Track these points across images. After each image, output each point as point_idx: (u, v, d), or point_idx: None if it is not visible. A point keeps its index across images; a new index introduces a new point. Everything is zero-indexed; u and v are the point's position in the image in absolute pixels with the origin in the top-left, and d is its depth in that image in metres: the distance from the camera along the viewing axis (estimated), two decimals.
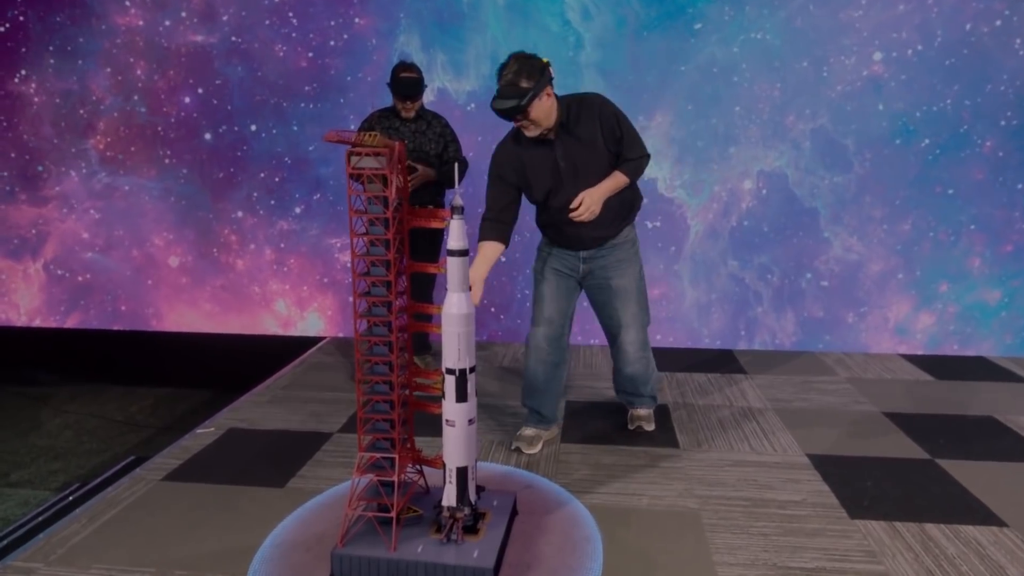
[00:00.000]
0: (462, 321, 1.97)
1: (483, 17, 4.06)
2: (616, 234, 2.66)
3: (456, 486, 2.02)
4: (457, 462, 2.01)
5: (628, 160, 2.48)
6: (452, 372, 1.98)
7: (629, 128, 2.48)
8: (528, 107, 2.28)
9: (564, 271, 2.72)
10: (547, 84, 2.32)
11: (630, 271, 2.71)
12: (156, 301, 4.75)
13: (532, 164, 2.48)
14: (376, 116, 3.52)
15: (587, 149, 2.43)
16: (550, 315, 2.72)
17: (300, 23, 4.20)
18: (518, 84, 2.28)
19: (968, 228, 4.06)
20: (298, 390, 3.60)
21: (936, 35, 3.87)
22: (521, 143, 2.49)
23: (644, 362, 2.80)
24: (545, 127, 2.38)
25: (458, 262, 1.99)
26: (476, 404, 2.04)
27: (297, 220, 4.47)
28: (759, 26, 3.91)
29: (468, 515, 2.02)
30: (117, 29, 4.35)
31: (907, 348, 4.20)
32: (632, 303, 2.71)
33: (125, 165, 4.56)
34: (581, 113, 2.43)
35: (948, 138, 3.96)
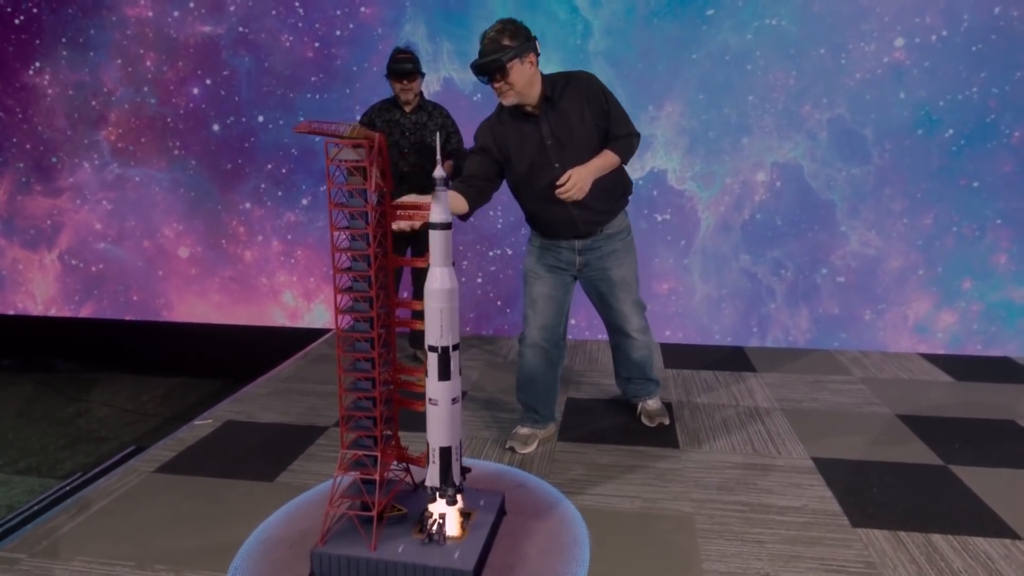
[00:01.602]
0: (444, 296, 1.90)
1: (490, 5, 3.98)
2: (609, 220, 2.56)
3: (439, 467, 1.96)
4: (440, 442, 1.95)
5: (617, 138, 2.38)
6: (435, 349, 1.91)
7: (617, 105, 2.40)
8: (507, 65, 2.21)
9: (558, 266, 2.63)
10: (531, 52, 2.26)
11: (627, 260, 2.66)
12: (167, 292, 4.78)
13: (516, 140, 2.40)
14: (377, 108, 3.49)
15: (574, 125, 2.35)
16: (546, 316, 2.63)
17: (306, 13, 4.16)
18: (500, 41, 2.23)
19: (994, 223, 3.88)
20: (299, 383, 3.58)
21: (962, 19, 3.69)
22: (506, 120, 2.41)
23: (648, 345, 2.84)
24: (525, 96, 2.31)
25: (441, 236, 1.91)
26: (460, 383, 1.98)
27: (304, 211, 4.46)
28: (774, 12, 3.77)
29: (452, 495, 1.96)
30: (127, 20, 4.37)
31: (927, 347, 4.05)
32: (630, 292, 2.70)
33: (136, 156, 4.58)
34: (568, 89, 2.36)
35: (974, 128, 3.79)
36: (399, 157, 3.41)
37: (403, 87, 3.31)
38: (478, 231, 4.25)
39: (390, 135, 3.39)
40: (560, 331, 2.70)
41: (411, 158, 3.41)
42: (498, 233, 4.25)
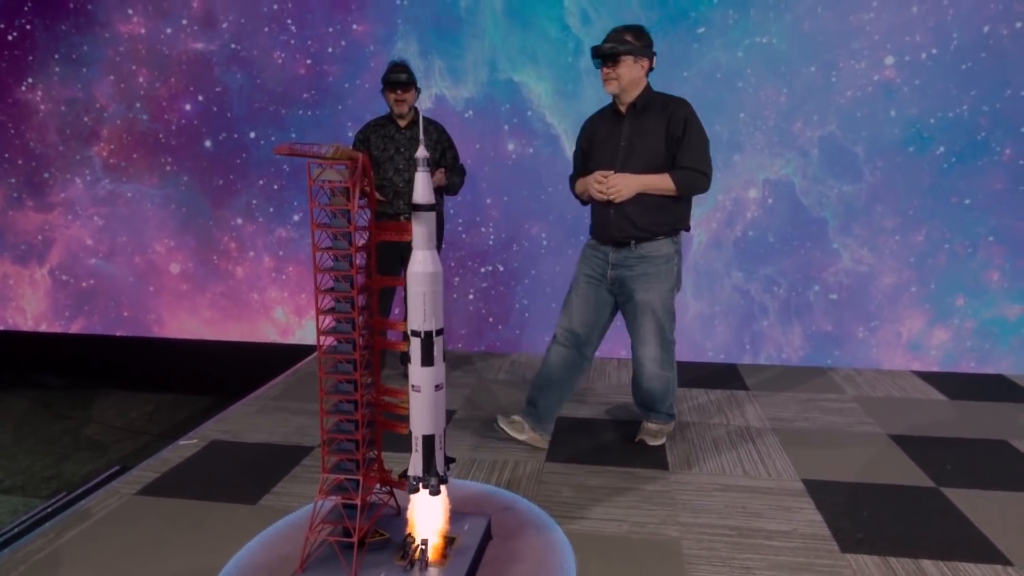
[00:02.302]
0: (427, 279, 1.87)
1: (481, 23, 3.99)
2: (644, 238, 2.61)
3: (422, 455, 1.92)
4: (423, 430, 1.91)
5: (680, 167, 2.50)
6: (417, 334, 1.88)
7: (696, 139, 2.51)
8: (620, 56, 2.46)
9: (595, 277, 2.74)
10: (646, 58, 2.53)
11: (656, 287, 2.64)
12: (158, 307, 4.76)
13: (600, 136, 2.65)
14: (372, 124, 3.47)
15: (648, 138, 2.53)
16: (572, 321, 2.78)
17: (299, 30, 4.17)
18: (623, 37, 2.50)
19: (986, 240, 3.87)
20: (287, 401, 3.55)
21: (952, 38, 3.70)
22: (604, 115, 2.69)
23: (663, 380, 2.75)
24: (624, 92, 2.54)
25: (424, 217, 1.89)
26: (444, 369, 1.95)
27: (296, 228, 4.45)
28: (765, 30, 3.78)
29: (435, 486, 1.93)
30: (120, 37, 4.38)
31: (921, 365, 4.03)
32: (653, 319, 2.67)
33: (128, 172, 4.58)
34: (658, 105, 2.56)
35: (965, 146, 3.79)
36: (395, 173, 3.37)
37: (398, 97, 3.29)
38: (470, 247, 4.24)
39: (385, 151, 3.36)
40: (585, 340, 2.78)
41: (406, 174, 3.37)
42: (490, 250, 4.24)
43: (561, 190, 4.13)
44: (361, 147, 3.34)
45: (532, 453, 2.86)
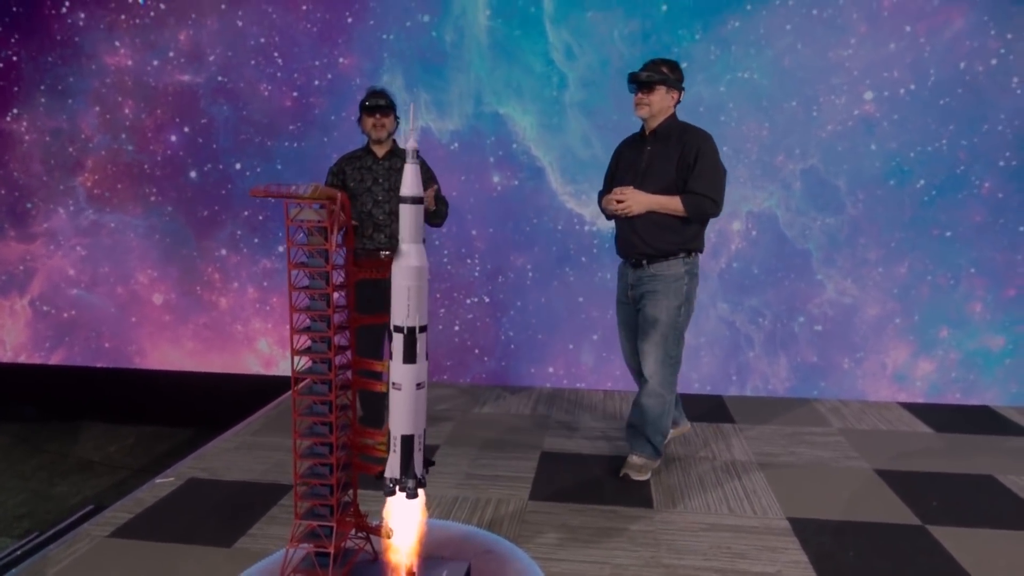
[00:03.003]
0: (412, 274, 1.82)
1: (466, 57, 4.03)
2: (654, 257, 2.74)
3: (400, 456, 1.86)
4: (402, 430, 1.86)
5: (690, 192, 2.65)
6: (400, 330, 1.84)
7: (707, 167, 2.66)
8: (655, 85, 2.66)
9: (623, 299, 2.94)
10: (678, 89, 2.74)
11: (664, 303, 2.74)
12: (139, 338, 4.70)
13: (626, 158, 2.86)
14: (347, 156, 3.27)
15: (664, 163, 2.70)
16: (625, 343, 3.02)
17: (285, 63, 4.19)
18: (660, 68, 2.71)
19: (968, 272, 3.90)
20: (268, 435, 3.50)
21: (929, 74, 3.76)
22: (630, 143, 2.90)
23: (659, 399, 2.79)
24: (653, 117, 2.74)
25: (411, 210, 1.84)
26: (427, 368, 1.90)
27: (280, 258, 4.42)
28: (746, 65, 3.84)
29: (412, 489, 1.87)
30: (107, 69, 4.38)
31: (907, 396, 4.02)
32: (656, 334, 2.75)
33: (112, 202, 4.55)
34: (677, 132, 2.73)
35: (944, 179, 3.84)
36: (373, 205, 3.21)
37: (376, 122, 3.14)
38: (455, 279, 4.23)
39: (362, 182, 3.19)
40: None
41: (386, 206, 3.21)
42: (475, 281, 4.23)
43: (546, 221, 4.14)
44: (336, 180, 3.19)
45: (515, 491, 2.81)
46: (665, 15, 3.87)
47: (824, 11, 3.76)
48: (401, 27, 4.06)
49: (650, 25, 3.88)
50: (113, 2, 4.28)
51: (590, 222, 4.10)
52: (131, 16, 4.28)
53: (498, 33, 3.97)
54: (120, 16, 4.29)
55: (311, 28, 4.13)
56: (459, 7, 3.99)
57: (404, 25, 4.05)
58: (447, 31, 4.02)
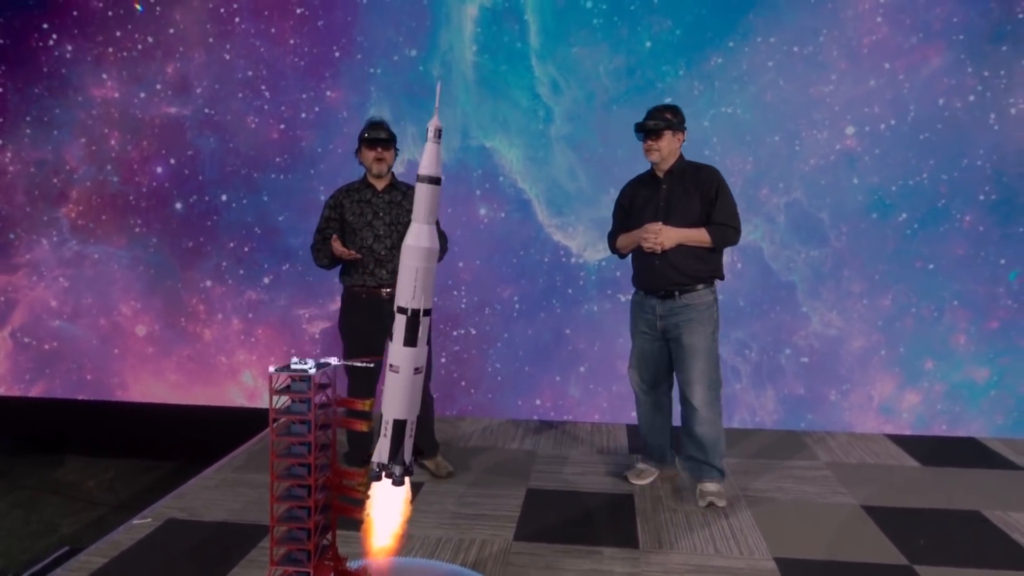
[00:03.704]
0: (422, 255, 1.77)
1: (453, 91, 4.06)
2: (686, 286, 2.89)
3: (391, 441, 1.81)
4: (395, 414, 1.80)
5: (715, 223, 2.85)
6: (404, 311, 1.79)
7: (726, 200, 2.87)
8: (662, 131, 2.84)
9: (648, 332, 3.02)
10: (681, 131, 2.92)
11: (700, 331, 2.89)
12: (122, 371, 4.64)
13: (640, 198, 2.99)
14: (344, 189, 3.20)
15: (685, 199, 2.88)
16: (642, 371, 3.10)
17: (272, 96, 4.21)
18: (664, 114, 2.87)
19: (951, 304, 3.93)
20: (250, 472, 3.44)
21: (909, 110, 3.83)
22: (643, 180, 3.04)
23: (712, 425, 2.93)
24: (663, 161, 2.90)
25: (428, 190, 1.80)
26: (426, 352, 1.85)
27: (265, 290, 4.40)
28: (729, 101, 3.89)
29: (399, 476, 1.82)
30: (93, 101, 4.39)
31: (893, 428, 4.02)
32: (700, 361, 2.89)
33: (96, 234, 4.52)
34: (692, 171, 2.92)
35: (926, 212, 3.88)
36: (374, 240, 3.11)
37: (377, 156, 3.07)
38: (441, 311, 4.21)
39: (362, 216, 3.11)
40: (660, 385, 3.12)
41: (387, 240, 3.10)
42: (462, 313, 4.21)
43: (533, 254, 4.14)
44: (333, 213, 3.14)
45: (499, 531, 2.77)
46: (649, 51, 3.93)
47: (805, 48, 3.83)
48: (388, 61, 4.09)
49: (634, 61, 3.94)
50: (101, 35, 4.30)
51: (576, 254, 4.11)
52: (119, 49, 4.30)
53: (484, 68, 4.02)
54: (108, 49, 4.31)
55: (298, 62, 4.16)
56: (446, 42, 4.03)
57: (391, 59, 4.09)
58: (434, 65, 4.06)
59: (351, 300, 3.18)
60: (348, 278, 3.17)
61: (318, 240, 3.17)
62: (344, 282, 3.20)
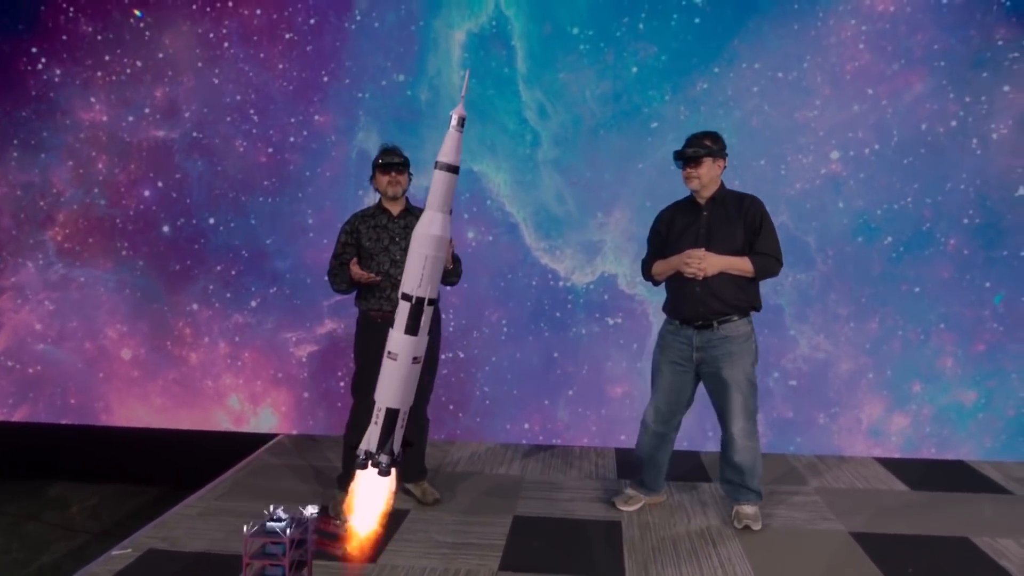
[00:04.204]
0: (432, 243, 1.76)
1: (441, 115, 4.08)
2: (725, 315, 2.87)
3: (381, 429, 1.77)
4: (388, 402, 1.77)
5: (758, 253, 2.85)
6: (408, 298, 1.76)
7: (770, 230, 2.88)
8: (702, 159, 2.82)
9: (679, 362, 2.97)
10: (723, 157, 2.90)
11: (740, 363, 2.89)
12: (106, 394, 4.59)
13: (679, 224, 2.97)
14: (360, 215, 3.20)
15: (727, 227, 2.86)
16: (663, 405, 3.05)
17: (260, 120, 4.22)
18: (703, 141, 2.87)
19: (938, 327, 3.94)
20: (235, 499, 3.40)
21: (892, 135, 3.86)
22: (678, 209, 3.03)
23: (751, 452, 2.96)
24: (703, 188, 2.89)
25: (445, 177, 1.79)
26: (426, 342, 1.82)
27: (252, 313, 4.37)
28: (714, 125, 3.86)
29: (385, 467, 1.78)
30: (81, 124, 4.38)
31: (882, 451, 4.01)
32: (740, 394, 2.90)
33: (82, 257, 4.49)
34: (735, 201, 2.92)
35: (911, 236, 3.91)
36: (391, 265, 3.10)
37: (391, 180, 3.10)
38: None
39: (378, 241, 3.11)
40: (675, 420, 3.10)
41: (404, 265, 3.09)
42: (450, 336, 4.19)
43: (520, 277, 4.14)
44: (349, 239, 3.14)
45: (485, 560, 2.74)
46: (635, 76, 3.96)
47: (789, 74, 3.87)
48: (377, 86, 4.11)
49: (621, 86, 3.97)
50: (90, 59, 4.30)
51: (564, 278, 4.11)
52: (107, 73, 4.30)
53: (472, 92, 4.03)
54: (97, 73, 4.31)
55: (287, 86, 4.17)
56: (434, 67, 4.06)
57: (380, 84, 4.11)
58: (422, 90, 4.08)
59: (366, 324, 3.15)
60: (364, 302, 3.16)
61: (335, 266, 3.17)
62: (360, 306, 3.19)
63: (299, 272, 4.28)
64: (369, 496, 1.90)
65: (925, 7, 3.77)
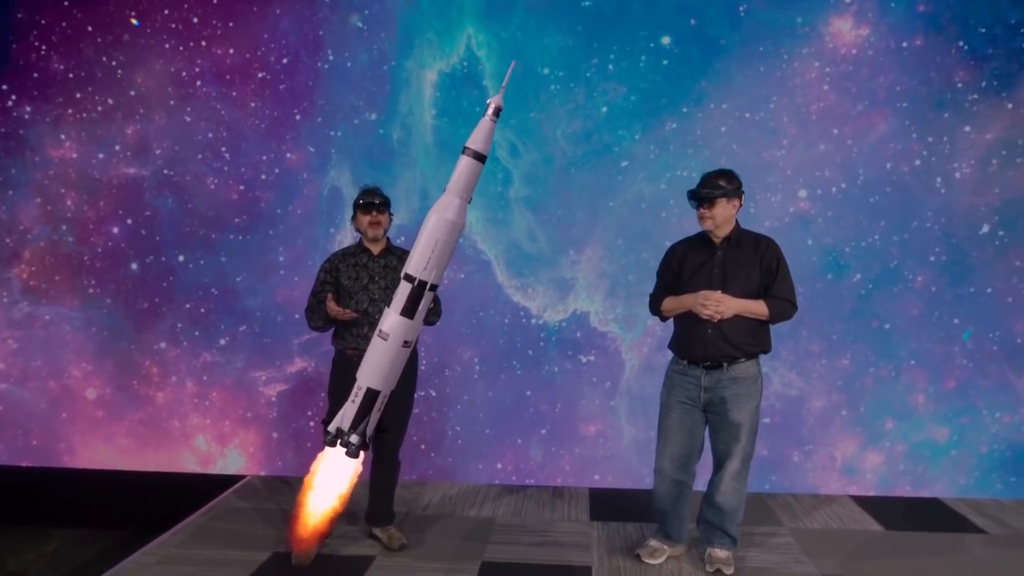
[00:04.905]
0: (446, 228, 1.74)
1: (413, 154, 4.09)
2: (735, 357, 2.84)
3: (358, 409, 1.70)
4: (371, 382, 1.73)
5: (774, 297, 2.84)
6: (411, 280, 1.72)
7: (785, 274, 2.87)
8: (716, 199, 2.79)
9: (688, 403, 2.92)
10: (737, 197, 2.87)
11: (747, 406, 2.86)
12: (70, 436, 4.47)
13: (692, 262, 2.92)
14: (340, 254, 3.21)
15: (741, 270, 2.84)
16: (675, 447, 2.95)
17: (232, 157, 4.21)
18: (717, 181, 2.83)
19: (908, 363, 3.95)
20: (196, 546, 3.29)
21: (859, 174, 3.92)
22: (692, 242, 2.99)
23: (737, 495, 2.91)
24: (717, 228, 2.86)
25: (469, 163, 1.77)
26: (419, 330, 1.77)
27: (221, 352, 4.30)
28: (684, 164, 3.96)
29: (354, 448, 1.71)
30: (51, 161, 4.34)
31: (857, 489, 3.99)
32: (742, 437, 2.87)
33: (48, 294, 4.42)
34: (750, 241, 2.90)
35: (880, 273, 3.94)
36: (369, 303, 3.05)
37: (372, 219, 3.11)
38: None
39: (358, 280, 3.11)
40: (692, 464, 2.99)
41: (382, 304, 2.85)
42: (422, 375, 4.10)
43: (493, 315, 4.12)
44: (329, 277, 3.14)
45: None
46: (606, 116, 4.00)
47: (756, 114, 3.93)
48: (349, 124, 4.12)
49: (591, 125, 4.01)
50: (61, 96, 4.28)
51: (536, 315, 4.09)
52: (79, 110, 4.28)
53: (443, 131, 4.06)
54: (68, 110, 4.29)
55: (259, 124, 4.17)
56: (406, 106, 4.08)
57: (352, 123, 4.12)
58: (394, 129, 4.10)
59: (342, 363, 3.10)
60: (341, 341, 3.12)
61: (312, 303, 3.17)
62: (337, 345, 3.15)
63: (269, 310, 4.23)
64: (329, 476, 1.84)
65: (886, 50, 3.86)
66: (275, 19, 4.11)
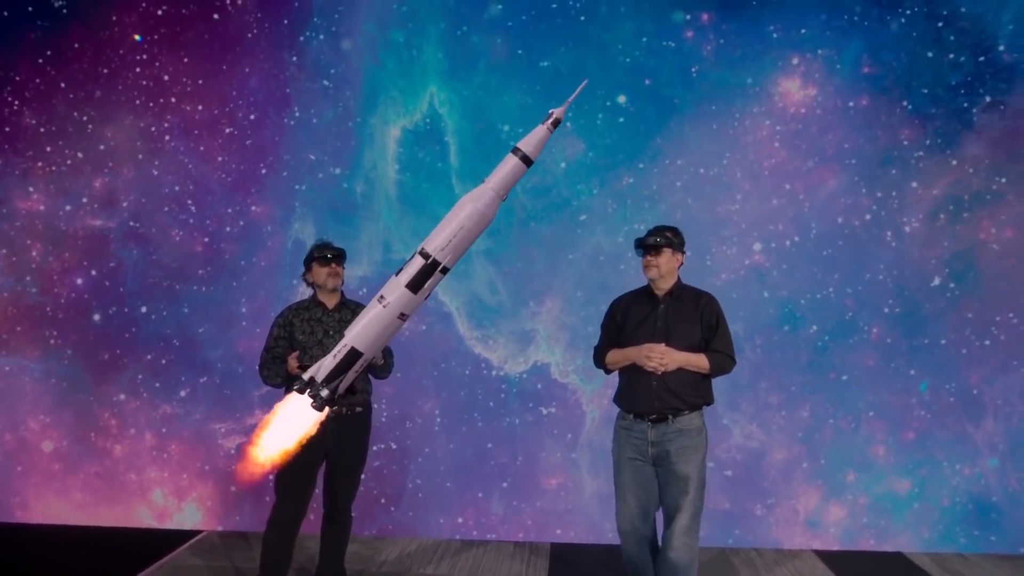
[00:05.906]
0: (474, 217, 1.77)
1: (376, 207, 4.16)
2: (680, 410, 2.85)
3: (336, 364, 1.67)
4: (356, 342, 1.71)
5: (714, 351, 2.89)
6: (426, 256, 1.72)
7: (725, 329, 2.95)
8: (663, 248, 2.88)
9: (639, 458, 2.90)
10: (681, 252, 2.97)
11: (694, 458, 2.85)
12: (24, 489, 4.38)
13: (636, 314, 2.97)
14: (294, 308, 3.17)
15: (684, 322, 2.90)
16: (632, 507, 2.90)
17: (198, 210, 4.26)
18: (664, 233, 2.93)
19: (867, 415, 3.97)
20: None
21: (811, 227, 4.01)
22: (635, 299, 3.03)
23: (689, 551, 2.83)
24: (661, 279, 2.92)
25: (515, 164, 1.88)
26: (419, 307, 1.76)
27: (182, 404, 4.27)
28: (641, 218, 4.03)
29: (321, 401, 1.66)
30: (17, 213, 4.38)
31: (821, 543, 3.95)
32: (691, 490, 2.83)
33: (8, 345, 4.39)
34: (692, 298, 2.96)
35: (835, 324, 3.99)
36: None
37: (331, 271, 3.10)
38: None
39: (312, 335, 3.07)
40: (647, 516, 2.94)
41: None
42: (383, 427, 4.12)
43: (454, 366, 4.12)
44: (283, 332, 3.10)
45: None
46: (564, 171, 4.10)
47: (710, 170, 4.04)
48: (314, 178, 4.20)
49: (550, 180, 4.10)
50: (31, 150, 4.35)
51: (497, 367, 4.10)
52: (48, 163, 4.35)
53: (406, 185, 4.14)
54: (37, 163, 4.35)
55: (225, 178, 4.24)
56: (369, 161, 4.17)
57: (316, 177, 4.20)
58: (358, 183, 4.18)
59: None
60: None
61: (267, 359, 3.12)
62: None
63: (231, 361, 4.22)
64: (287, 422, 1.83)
65: (834, 109, 4.00)
66: (244, 77, 4.23)
